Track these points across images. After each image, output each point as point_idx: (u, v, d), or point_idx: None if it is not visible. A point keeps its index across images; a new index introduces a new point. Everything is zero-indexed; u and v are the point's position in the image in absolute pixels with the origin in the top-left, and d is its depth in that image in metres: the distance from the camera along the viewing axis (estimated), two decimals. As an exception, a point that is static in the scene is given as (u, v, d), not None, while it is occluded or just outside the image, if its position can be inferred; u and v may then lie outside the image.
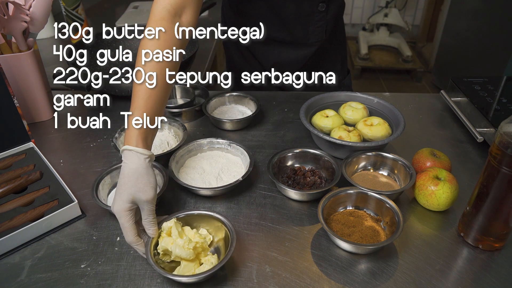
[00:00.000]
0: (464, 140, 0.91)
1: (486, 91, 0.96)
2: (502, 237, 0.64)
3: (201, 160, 0.82)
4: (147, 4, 1.83)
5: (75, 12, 1.45)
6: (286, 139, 0.92)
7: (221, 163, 0.81)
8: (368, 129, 0.86)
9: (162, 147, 0.86)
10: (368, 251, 0.64)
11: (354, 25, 3.73)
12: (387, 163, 0.79)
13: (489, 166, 0.60)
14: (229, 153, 0.84)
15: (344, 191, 0.70)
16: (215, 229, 0.65)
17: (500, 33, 2.25)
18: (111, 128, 0.84)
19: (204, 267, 0.60)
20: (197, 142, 0.84)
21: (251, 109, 1.00)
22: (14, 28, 0.86)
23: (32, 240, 0.66)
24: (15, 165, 0.79)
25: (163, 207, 0.73)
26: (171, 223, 0.62)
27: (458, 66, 2.71)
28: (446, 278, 0.60)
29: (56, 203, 0.70)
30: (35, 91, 0.94)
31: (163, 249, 0.61)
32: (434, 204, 0.70)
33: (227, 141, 0.84)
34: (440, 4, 3.24)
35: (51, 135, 0.93)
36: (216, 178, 0.78)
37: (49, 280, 0.60)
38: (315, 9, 1.01)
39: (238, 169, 0.80)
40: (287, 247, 0.65)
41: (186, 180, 0.76)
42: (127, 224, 0.60)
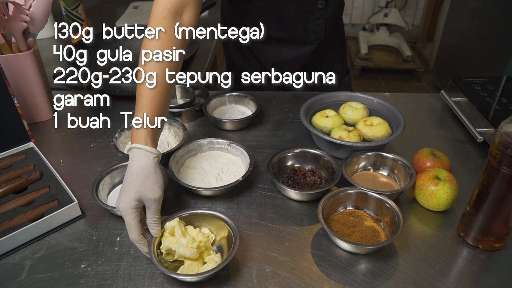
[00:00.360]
0: (464, 140, 0.91)
1: (486, 91, 0.96)
2: (502, 237, 0.64)
3: (201, 160, 0.82)
4: (147, 4, 1.83)
5: (75, 12, 1.45)
6: (286, 139, 0.92)
7: (221, 163, 0.81)
8: (368, 129, 0.86)
9: (162, 147, 0.86)
10: (368, 251, 0.64)
11: (354, 25, 3.73)
12: (387, 163, 0.79)
13: (489, 166, 0.60)
14: (229, 153, 0.84)
15: (344, 191, 0.70)
16: (218, 228, 0.65)
17: (500, 33, 2.25)
18: (111, 128, 0.84)
19: (208, 266, 0.60)
20: (197, 142, 0.84)
21: (251, 109, 1.00)
22: (14, 28, 0.86)
23: (32, 240, 0.66)
24: (15, 165, 0.79)
25: (163, 207, 0.73)
26: (174, 223, 0.62)
27: (458, 66, 2.71)
28: (446, 278, 0.61)
29: (56, 203, 0.70)
30: (35, 91, 0.94)
31: (167, 249, 0.61)
32: (434, 204, 0.70)
33: (227, 141, 0.84)
34: (440, 4, 3.24)
35: (51, 135, 0.93)
36: (216, 178, 0.78)
37: (49, 280, 0.60)
38: (314, 7, 1.01)
39: (238, 169, 0.80)
40: (287, 247, 0.65)
41: (186, 180, 0.76)
42: (132, 222, 0.60)
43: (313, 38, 1.06)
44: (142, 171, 0.61)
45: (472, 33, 2.53)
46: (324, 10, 1.02)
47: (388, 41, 3.39)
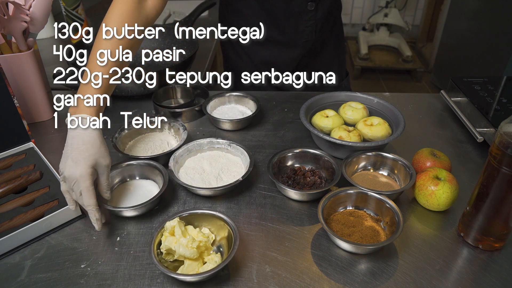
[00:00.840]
0: (464, 140, 0.91)
1: (486, 91, 0.96)
2: (502, 237, 0.64)
3: (201, 160, 0.82)
4: (147, 4, 1.83)
5: (75, 12, 1.45)
6: (286, 139, 0.92)
7: (221, 163, 0.81)
8: (368, 129, 0.86)
9: (162, 147, 0.86)
10: (368, 251, 0.64)
11: (354, 25, 3.73)
12: (387, 163, 0.79)
13: (489, 166, 0.60)
14: (229, 153, 0.84)
15: (344, 191, 0.70)
16: (218, 228, 0.65)
17: (500, 33, 2.25)
18: (111, 128, 0.84)
19: (208, 266, 0.60)
20: (197, 142, 0.83)
21: (251, 109, 1.00)
22: (14, 28, 0.86)
23: (32, 240, 0.66)
24: (15, 165, 0.79)
25: (163, 206, 0.73)
26: (174, 223, 0.62)
27: (458, 66, 2.71)
28: (446, 278, 0.61)
29: (56, 203, 0.70)
30: (35, 91, 0.94)
31: (167, 249, 0.61)
32: (434, 204, 0.70)
33: (227, 141, 0.84)
34: (440, 4, 3.24)
35: (51, 135, 0.93)
36: (216, 178, 0.78)
37: (49, 280, 0.60)
38: (305, 8, 1.01)
39: (238, 169, 0.80)
40: (287, 247, 0.65)
41: (186, 180, 0.76)
42: (91, 187, 0.65)
43: (303, 40, 1.06)
44: (95, 140, 0.67)
45: (472, 33, 2.53)
46: (315, 12, 1.02)
47: (388, 41, 3.39)
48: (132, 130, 0.88)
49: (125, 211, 0.69)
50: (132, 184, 0.77)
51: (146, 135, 0.90)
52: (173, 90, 1.05)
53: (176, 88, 1.05)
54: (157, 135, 0.90)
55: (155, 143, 0.87)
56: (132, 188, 0.76)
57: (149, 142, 0.88)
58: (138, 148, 0.86)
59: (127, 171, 0.78)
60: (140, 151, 0.86)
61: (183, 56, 0.99)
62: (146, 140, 0.89)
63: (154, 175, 0.77)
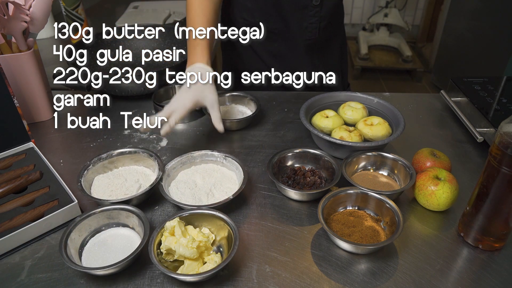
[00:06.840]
0: (464, 140, 0.91)
1: (486, 91, 0.96)
2: (502, 237, 0.64)
3: (194, 173, 0.78)
4: (147, 4, 1.83)
5: (75, 12, 1.45)
6: (286, 139, 0.92)
7: (214, 178, 0.78)
8: (369, 129, 0.86)
9: (138, 183, 0.76)
10: (368, 251, 0.64)
11: (354, 25, 3.73)
12: (387, 163, 0.79)
13: (489, 166, 0.60)
14: (225, 167, 0.80)
15: (344, 191, 0.70)
16: (218, 228, 0.65)
17: (500, 33, 2.24)
18: (111, 128, 0.84)
19: (208, 266, 0.60)
20: (191, 154, 0.80)
21: (251, 109, 1.00)
22: (14, 28, 0.86)
23: (32, 240, 0.66)
24: (15, 165, 0.79)
25: (162, 207, 0.73)
26: (174, 222, 0.62)
27: (458, 66, 2.71)
28: (446, 278, 0.61)
29: (56, 203, 0.70)
30: (35, 91, 0.94)
31: (167, 248, 0.61)
32: (434, 204, 0.70)
33: (222, 154, 0.79)
34: (440, 4, 3.24)
35: (51, 135, 0.93)
36: (207, 194, 0.74)
37: (49, 280, 0.60)
38: (310, 2, 1.01)
39: (231, 185, 0.76)
40: (287, 247, 0.65)
41: (176, 195, 0.73)
42: (183, 111, 0.80)
43: (306, 37, 1.06)
44: (203, 82, 0.82)
45: (472, 33, 2.53)
46: (319, 7, 1.02)
47: (388, 41, 3.39)
48: (99, 164, 0.77)
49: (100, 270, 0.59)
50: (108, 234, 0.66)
51: (115, 171, 0.79)
52: (173, 90, 1.05)
53: (176, 88, 1.05)
54: (132, 168, 0.80)
55: (130, 178, 0.77)
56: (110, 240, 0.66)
57: (120, 177, 0.77)
58: (108, 188, 0.74)
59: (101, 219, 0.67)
60: (110, 191, 0.74)
61: (183, 56, 0.99)
62: (117, 175, 0.78)
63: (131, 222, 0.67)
